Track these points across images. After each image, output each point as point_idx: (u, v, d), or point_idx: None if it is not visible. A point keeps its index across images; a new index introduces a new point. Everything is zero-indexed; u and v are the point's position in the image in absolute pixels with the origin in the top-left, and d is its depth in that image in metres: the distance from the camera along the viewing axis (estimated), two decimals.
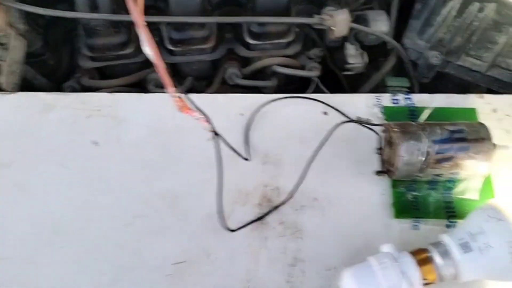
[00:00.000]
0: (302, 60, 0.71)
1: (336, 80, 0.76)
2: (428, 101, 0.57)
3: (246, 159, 0.51)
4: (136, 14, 0.34)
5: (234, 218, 0.48)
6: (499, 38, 0.60)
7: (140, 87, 0.70)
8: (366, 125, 0.52)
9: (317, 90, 0.72)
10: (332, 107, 0.56)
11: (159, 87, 0.67)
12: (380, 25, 0.66)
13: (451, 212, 0.49)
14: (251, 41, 0.67)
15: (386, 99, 0.57)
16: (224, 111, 0.55)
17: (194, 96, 0.54)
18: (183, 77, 0.72)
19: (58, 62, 0.73)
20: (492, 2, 0.57)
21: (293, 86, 0.76)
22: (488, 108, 0.57)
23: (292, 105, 0.57)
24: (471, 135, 0.46)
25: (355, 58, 0.65)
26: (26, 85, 0.63)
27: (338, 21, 0.62)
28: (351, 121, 0.51)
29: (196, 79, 0.72)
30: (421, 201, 0.49)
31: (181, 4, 0.62)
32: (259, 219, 0.48)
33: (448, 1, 0.59)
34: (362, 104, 0.57)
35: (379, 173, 0.49)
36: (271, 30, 0.67)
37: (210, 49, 0.68)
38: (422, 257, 0.42)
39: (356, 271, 0.42)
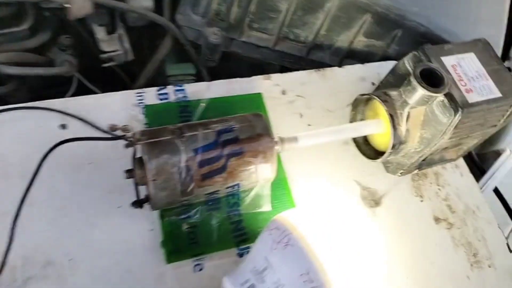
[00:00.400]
0: (54, 53, 0.53)
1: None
2: (206, 91, 0.44)
3: None
4: None
5: None
6: (281, 4, 0.50)
7: None
8: (102, 139, 0.37)
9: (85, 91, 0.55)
10: (73, 116, 0.39)
11: None
12: None
13: (240, 235, 0.37)
14: None
15: (150, 95, 0.43)
16: None
17: None
18: None
19: None
20: None
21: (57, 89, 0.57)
22: (277, 90, 0.47)
23: (18, 120, 0.39)
24: (245, 133, 0.34)
25: (109, 44, 0.49)
26: None
27: None
28: (67, 141, 0.34)
29: None
30: (201, 230, 0.36)
31: None
32: None
33: None
34: (119, 105, 0.42)
35: (136, 204, 0.35)
36: None
37: None
38: None
39: None
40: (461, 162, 0.48)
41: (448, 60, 0.37)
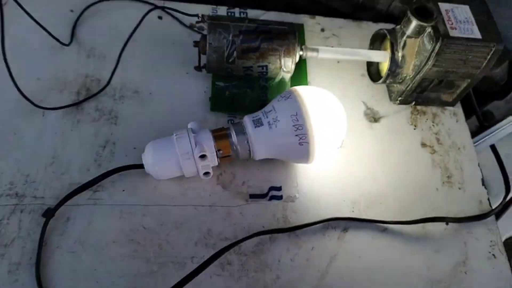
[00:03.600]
0: None
1: None
2: (261, 16, 0.60)
3: (65, 44, 0.51)
4: None
5: (48, 102, 0.48)
6: None
7: None
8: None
9: None
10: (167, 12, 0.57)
11: None
12: None
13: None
14: None
15: (222, 11, 0.59)
16: (53, 6, 0.55)
17: None
18: None
19: None
20: None
21: None
22: (318, 28, 0.61)
23: (127, 8, 0.58)
24: (277, 31, 0.49)
25: None
26: None
27: None
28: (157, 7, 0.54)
29: None
30: (238, 97, 0.52)
31: None
32: (74, 104, 0.49)
33: None
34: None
35: (197, 68, 0.51)
36: None
37: None
38: (220, 133, 0.44)
39: (156, 142, 0.43)
40: (459, 111, 0.59)
41: (443, 6, 0.49)
